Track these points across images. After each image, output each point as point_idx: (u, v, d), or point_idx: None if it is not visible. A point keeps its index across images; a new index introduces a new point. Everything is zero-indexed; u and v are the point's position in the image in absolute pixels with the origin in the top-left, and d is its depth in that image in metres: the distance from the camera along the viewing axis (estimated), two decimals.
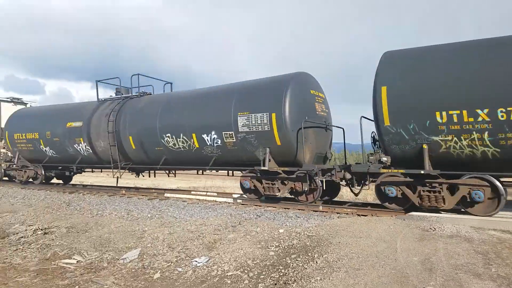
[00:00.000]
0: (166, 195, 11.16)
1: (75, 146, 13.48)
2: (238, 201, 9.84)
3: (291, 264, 5.20)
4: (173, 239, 6.78)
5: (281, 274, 5.01)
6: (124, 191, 12.37)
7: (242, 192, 10.21)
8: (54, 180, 16.67)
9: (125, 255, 6.35)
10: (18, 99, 18.60)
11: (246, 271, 5.25)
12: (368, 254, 5.06)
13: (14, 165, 15.77)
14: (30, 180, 15.54)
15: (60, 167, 15.35)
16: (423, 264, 4.68)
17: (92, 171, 15.72)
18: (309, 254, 5.41)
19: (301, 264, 5.12)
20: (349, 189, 9.09)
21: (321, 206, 8.74)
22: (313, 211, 8.41)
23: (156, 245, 6.63)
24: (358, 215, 7.91)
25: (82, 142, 13.28)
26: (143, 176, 13.48)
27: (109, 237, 7.24)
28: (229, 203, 9.76)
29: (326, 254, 5.22)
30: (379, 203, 8.32)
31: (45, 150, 14.51)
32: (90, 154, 13.27)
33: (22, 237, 7.83)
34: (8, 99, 18.32)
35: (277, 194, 9.13)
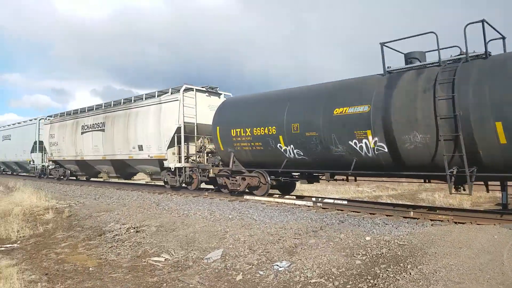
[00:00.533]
0: (246, 197, 11.28)
1: (351, 143, 8.62)
2: (318, 204, 9.55)
3: (381, 275, 4.83)
4: (253, 241, 6.77)
5: (370, 284, 4.67)
6: (207, 193, 12.80)
7: (321, 196, 9.95)
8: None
9: (209, 255, 6.49)
10: (212, 88, 15.08)
11: (330, 280, 5.00)
12: (469, 266, 4.49)
13: (224, 170, 12.08)
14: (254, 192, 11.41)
15: (306, 173, 10.61)
16: None
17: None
18: (401, 264, 4.97)
19: (392, 275, 4.72)
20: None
21: (412, 212, 8.07)
22: (403, 217, 7.80)
23: (238, 246, 6.67)
24: (455, 222, 7.14)
25: (370, 136, 8.29)
26: None
27: (194, 236, 7.49)
28: (308, 206, 9.52)
29: (421, 265, 4.74)
30: (478, 209, 7.43)
31: (286, 150, 9.89)
32: (382, 154, 8.25)
33: (116, 234, 8.47)
34: (203, 88, 14.73)
35: None
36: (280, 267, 5.56)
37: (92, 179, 21.14)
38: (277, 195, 11.70)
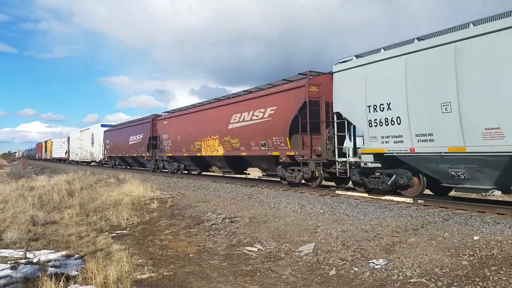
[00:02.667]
0: (337, 192, 11.01)
1: None
2: (420, 201, 8.90)
3: (491, 277, 4.35)
4: (346, 237, 6.59)
5: (478, 287, 4.24)
6: (297, 188, 12.80)
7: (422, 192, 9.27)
8: None
9: (300, 248, 6.50)
10: None
11: (433, 280, 4.64)
12: None
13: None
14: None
15: None
16: None
17: None
18: None
19: (504, 278, 4.24)
20: None
21: None
22: None
23: (330, 241, 6.56)
24: None
25: None
26: None
27: (285, 229, 7.56)
28: (408, 203, 8.93)
29: None
30: None
31: None
32: None
33: (213, 224, 8.95)
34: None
35: None
36: (377, 264, 5.33)
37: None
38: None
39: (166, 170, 23.32)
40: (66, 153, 50.27)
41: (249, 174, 19.13)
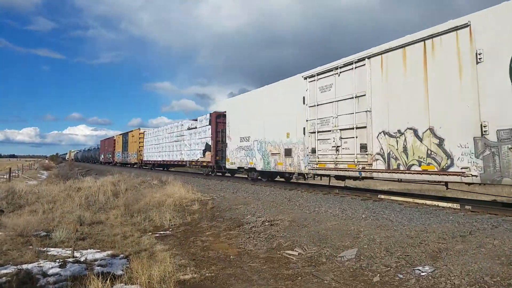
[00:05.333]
0: (380, 196, 10.79)
1: None
2: (467, 207, 8.55)
3: None
4: (390, 243, 6.45)
5: None
6: (337, 190, 12.67)
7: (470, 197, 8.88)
8: None
9: (342, 253, 6.43)
10: None
11: None
12: None
13: None
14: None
15: None
16: None
17: None
18: None
19: None
20: None
21: None
22: None
23: (373, 247, 6.45)
24: None
25: None
26: None
27: (326, 233, 7.50)
28: (455, 209, 8.60)
29: None
30: None
31: None
32: None
33: (253, 226, 9.02)
34: None
35: None
36: (423, 271, 5.19)
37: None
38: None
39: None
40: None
41: None
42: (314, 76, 12.96)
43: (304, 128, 13.35)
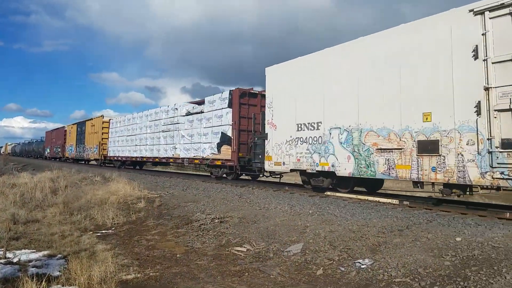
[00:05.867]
0: (327, 193, 11.15)
1: None
2: (405, 203, 9.07)
3: (472, 277, 4.49)
4: (334, 237, 6.70)
5: (460, 287, 4.38)
6: (287, 187, 12.92)
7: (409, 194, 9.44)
8: None
9: (289, 248, 6.58)
10: None
11: (416, 280, 4.77)
12: None
13: None
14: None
15: None
16: None
17: None
18: (495, 267, 4.57)
19: (484, 278, 4.37)
20: None
21: (508, 213, 7.31)
22: (498, 218, 7.10)
23: (318, 241, 6.66)
24: None
25: None
26: None
27: (275, 229, 7.63)
28: (394, 204, 9.10)
29: None
30: None
31: None
32: None
33: (202, 224, 8.96)
34: None
35: None
36: (362, 264, 5.44)
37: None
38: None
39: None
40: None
41: None
42: (508, 6, 7.36)
43: (478, 104, 7.62)
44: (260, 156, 13.86)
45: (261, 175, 15.06)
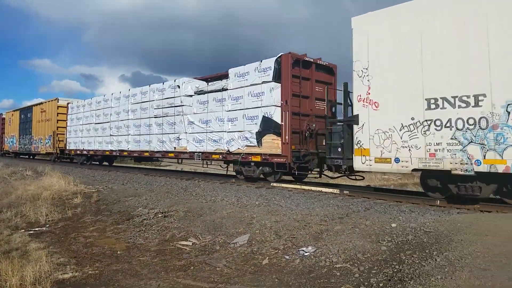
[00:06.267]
0: (273, 184, 11.33)
1: None
2: (345, 192, 9.50)
3: (406, 261, 4.80)
4: (279, 227, 6.83)
5: (395, 270, 4.66)
6: (233, 180, 12.90)
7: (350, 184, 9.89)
8: None
9: (235, 240, 6.60)
10: None
11: (356, 265, 5.01)
12: (495, 253, 4.41)
13: None
14: None
15: None
16: None
17: None
18: (427, 251, 4.93)
19: (417, 261, 4.69)
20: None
21: (438, 201, 7.94)
22: (429, 205, 7.68)
23: (264, 232, 6.75)
24: (481, 211, 6.99)
25: None
26: None
27: (221, 222, 7.61)
28: (335, 193, 9.49)
29: (447, 252, 4.68)
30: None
31: None
32: None
33: (144, 219, 8.71)
34: None
35: None
36: (306, 252, 5.61)
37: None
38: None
39: None
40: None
41: None
42: None
43: None
44: (340, 150, 9.67)
45: (340, 175, 11.08)
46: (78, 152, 22.80)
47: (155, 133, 16.03)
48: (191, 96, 14.42)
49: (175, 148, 14.98)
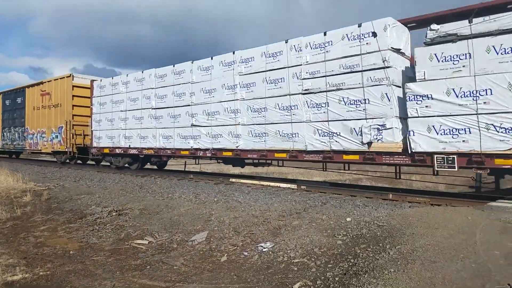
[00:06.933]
0: (231, 180, 11.32)
1: None
2: (302, 187, 9.67)
3: (361, 254, 4.97)
4: (238, 223, 6.84)
5: (351, 264, 4.81)
6: (192, 176, 12.74)
7: (307, 179, 10.05)
8: None
9: (193, 237, 6.53)
10: None
11: (313, 259, 5.12)
12: (445, 246, 4.67)
13: None
14: None
15: None
16: (506, 258, 4.21)
17: None
18: (380, 244, 5.13)
19: (371, 255, 4.87)
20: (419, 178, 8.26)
21: (391, 195, 8.29)
22: (382, 199, 8.00)
23: (222, 228, 6.73)
24: (432, 204, 7.38)
25: None
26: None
27: (179, 219, 7.50)
28: (293, 189, 9.63)
29: (399, 245, 4.90)
30: (453, 192, 7.71)
31: None
32: None
33: (98, 218, 8.40)
34: None
35: None
36: (264, 248, 5.65)
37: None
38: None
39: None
40: None
41: None
42: None
43: None
44: None
45: None
46: (117, 151, 15.02)
47: (310, 119, 9.04)
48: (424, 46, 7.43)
49: (370, 144, 8.09)
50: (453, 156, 6.97)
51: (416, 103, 7.34)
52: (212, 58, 11.47)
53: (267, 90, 9.89)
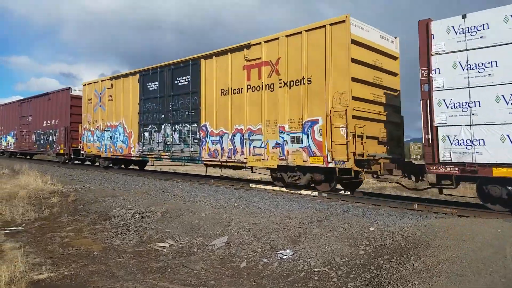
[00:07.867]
0: (251, 185, 11.31)
1: None
2: (324, 194, 9.55)
3: (384, 265, 4.85)
4: (258, 229, 6.81)
5: (373, 275, 4.70)
6: (213, 180, 12.82)
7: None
8: None
9: (213, 242, 6.54)
10: None
11: (334, 269, 5.03)
12: (472, 259, 4.50)
13: None
14: None
15: None
16: None
17: None
18: (404, 255, 4.99)
19: (395, 266, 4.74)
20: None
21: (416, 205, 8.07)
22: (407, 209, 7.80)
23: (242, 234, 6.72)
24: (459, 215, 7.14)
25: None
26: None
27: (199, 223, 7.54)
28: (314, 196, 9.53)
29: (424, 257, 4.75)
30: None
31: None
32: None
33: (121, 220, 8.56)
34: None
35: None
36: (284, 255, 5.60)
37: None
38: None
39: None
40: None
41: None
42: None
43: None
44: None
45: None
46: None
47: None
48: None
49: None
50: None
51: None
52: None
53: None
